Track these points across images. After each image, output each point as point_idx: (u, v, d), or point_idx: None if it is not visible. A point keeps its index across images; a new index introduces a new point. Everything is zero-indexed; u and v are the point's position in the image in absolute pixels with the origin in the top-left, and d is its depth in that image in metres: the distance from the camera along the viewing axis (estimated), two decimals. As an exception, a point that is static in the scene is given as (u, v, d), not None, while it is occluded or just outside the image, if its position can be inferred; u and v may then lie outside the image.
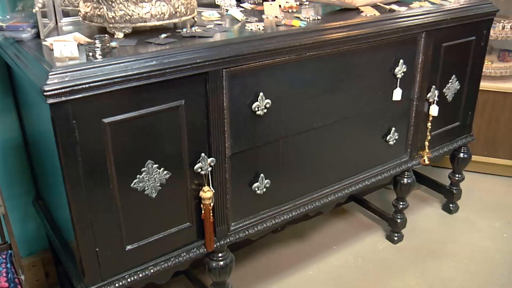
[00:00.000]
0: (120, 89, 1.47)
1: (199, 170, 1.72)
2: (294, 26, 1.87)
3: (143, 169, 1.61)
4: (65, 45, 1.50)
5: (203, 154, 1.71)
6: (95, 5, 1.69)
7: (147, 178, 1.63)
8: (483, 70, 2.68)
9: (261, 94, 1.77)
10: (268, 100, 1.79)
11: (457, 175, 2.87)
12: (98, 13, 1.68)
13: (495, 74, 3.10)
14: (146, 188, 1.64)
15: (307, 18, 1.99)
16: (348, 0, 2.13)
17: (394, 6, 2.23)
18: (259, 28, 1.82)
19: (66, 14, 1.94)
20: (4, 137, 2.10)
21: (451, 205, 2.93)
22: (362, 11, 2.13)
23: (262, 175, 1.92)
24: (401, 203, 2.61)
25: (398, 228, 2.65)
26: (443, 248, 2.64)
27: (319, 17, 2.01)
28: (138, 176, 1.61)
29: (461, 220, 2.89)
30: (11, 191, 2.17)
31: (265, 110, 1.80)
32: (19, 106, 2.02)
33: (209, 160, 1.73)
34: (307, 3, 2.33)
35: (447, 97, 2.50)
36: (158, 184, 1.67)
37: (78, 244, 1.58)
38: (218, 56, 1.61)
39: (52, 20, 1.87)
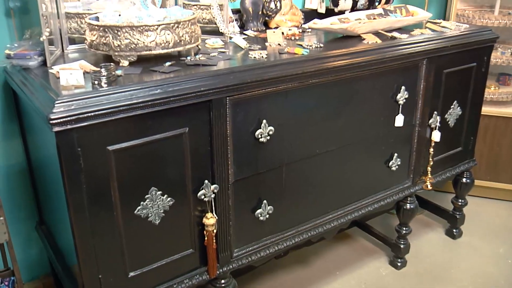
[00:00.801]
0: (125, 117, 1.49)
1: (203, 197, 1.73)
2: (297, 54, 1.90)
3: (146, 196, 1.62)
4: (71, 74, 1.52)
5: (206, 181, 1.72)
6: (101, 33, 1.71)
7: (150, 205, 1.64)
8: (485, 95, 2.69)
9: (264, 121, 1.78)
10: (271, 127, 1.81)
11: (460, 200, 2.87)
12: (104, 41, 1.71)
13: (497, 99, 3.12)
14: (150, 214, 1.65)
15: (310, 45, 2.02)
16: (350, 28, 2.16)
17: (395, 34, 2.26)
18: (262, 56, 1.85)
19: (72, 41, 1.97)
20: (8, 162, 2.11)
21: (454, 230, 2.92)
22: (364, 39, 2.15)
23: (265, 201, 1.92)
24: (404, 228, 2.60)
25: (401, 253, 2.64)
26: (447, 274, 2.62)
27: (322, 45, 2.03)
28: (141, 203, 1.62)
29: (464, 245, 2.88)
30: (15, 215, 2.17)
31: (268, 137, 1.81)
32: (24, 132, 2.04)
33: (213, 187, 1.74)
34: (309, 30, 2.36)
35: (449, 122, 2.52)
36: (162, 211, 1.67)
37: (81, 270, 1.58)
38: (222, 84, 1.63)
39: (59, 48, 1.90)
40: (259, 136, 1.79)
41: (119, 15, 1.82)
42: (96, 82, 1.52)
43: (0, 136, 2.06)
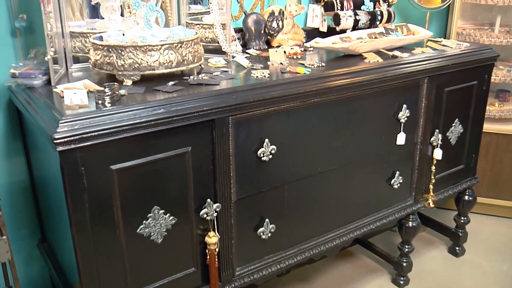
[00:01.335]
0: (128, 137, 1.50)
1: (205, 215, 1.73)
2: (298, 73, 1.91)
3: (149, 214, 1.63)
4: (75, 93, 1.54)
5: (209, 200, 1.73)
6: (105, 53, 1.73)
7: (153, 223, 1.64)
8: (488, 112, 2.71)
9: (266, 140, 1.79)
10: (273, 146, 1.82)
11: (462, 218, 2.86)
12: (108, 61, 1.73)
13: (500, 116, 3.13)
14: (152, 233, 1.65)
15: (312, 64, 2.03)
16: (351, 47, 2.17)
17: (396, 53, 2.27)
18: (264, 75, 1.86)
19: (76, 59, 1.99)
20: (12, 179, 2.12)
21: (457, 248, 2.91)
22: (365, 58, 2.17)
23: (267, 220, 1.92)
24: (406, 246, 2.59)
25: (404, 271, 2.63)
26: (450, 293, 2.61)
27: (323, 64, 2.05)
28: (144, 221, 1.62)
29: (467, 263, 2.86)
30: (17, 233, 2.17)
31: (270, 156, 1.82)
32: (27, 149, 2.05)
33: (215, 205, 1.74)
34: (311, 49, 2.38)
35: (450, 140, 2.52)
36: (164, 230, 1.67)
37: (83, 288, 1.58)
38: (224, 103, 1.65)
39: (63, 67, 1.92)
40: (261, 155, 1.80)
41: (123, 34, 1.85)
42: (100, 102, 1.53)
43: (4, 153, 2.07)
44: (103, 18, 2.03)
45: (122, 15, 2.04)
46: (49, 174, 1.71)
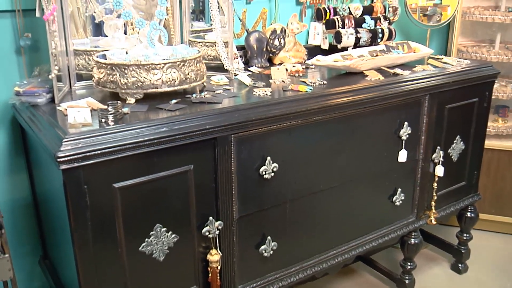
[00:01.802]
0: (131, 155, 1.51)
1: (207, 233, 1.73)
2: (300, 91, 1.92)
3: (151, 232, 1.63)
4: (79, 111, 1.55)
5: (211, 218, 1.73)
6: (108, 71, 1.75)
7: (155, 241, 1.64)
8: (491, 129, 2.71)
9: (268, 158, 1.80)
10: (275, 164, 1.82)
11: (465, 235, 2.85)
12: (111, 79, 1.74)
13: (502, 133, 3.13)
14: (154, 251, 1.65)
15: (313, 82, 2.05)
16: (353, 65, 2.19)
17: (397, 70, 2.29)
18: (266, 94, 1.88)
19: (79, 77, 2.00)
20: (14, 196, 2.13)
21: (460, 265, 2.90)
22: (366, 75, 2.18)
23: (269, 237, 1.92)
24: (409, 263, 2.58)
25: (406, 289, 2.62)
26: (453, 310, 2.59)
27: (325, 82, 2.06)
28: (146, 239, 1.62)
29: (471, 280, 2.85)
30: (19, 250, 2.17)
31: (272, 174, 1.82)
32: (30, 166, 2.06)
33: (217, 223, 1.74)
34: (313, 66, 2.39)
35: (452, 157, 2.53)
36: (166, 248, 1.67)
37: (84, 306, 1.58)
38: (227, 122, 1.66)
39: (67, 84, 1.94)
40: (264, 173, 1.80)
41: (126, 52, 1.86)
42: (103, 120, 1.54)
43: (7, 170, 2.08)
44: (107, 36, 2.06)
45: (125, 32, 2.06)
46: (52, 191, 1.72)
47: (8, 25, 1.94)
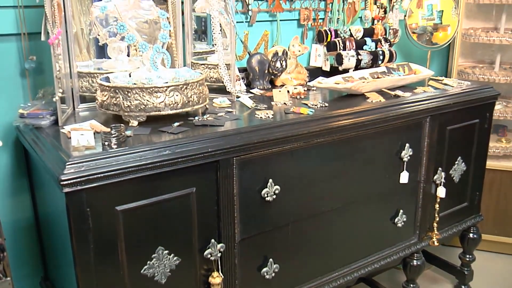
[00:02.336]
0: (134, 178, 1.51)
1: (209, 256, 1.73)
2: (302, 113, 1.94)
3: (153, 255, 1.63)
4: (82, 134, 1.56)
5: (213, 240, 1.73)
6: (112, 94, 1.76)
7: (157, 264, 1.64)
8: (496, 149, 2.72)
9: (270, 180, 1.81)
10: (277, 186, 1.83)
11: (467, 256, 2.84)
12: (115, 102, 1.76)
13: (505, 153, 3.14)
14: (156, 274, 1.65)
15: (315, 105, 2.06)
16: (354, 88, 2.21)
17: (398, 92, 2.31)
18: (268, 116, 1.89)
19: (83, 99, 2.02)
20: (16, 217, 2.13)
21: (463, 287, 2.87)
22: (368, 97, 2.20)
23: (271, 260, 1.92)
24: (411, 285, 2.57)
25: (409, 311, 2.60)
26: (457, 333, 2.57)
27: (326, 104, 2.08)
28: (148, 262, 1.62)
29: (474, 302, 2.83)
30: (20, 271, 2.17)
31: (274, 196, 1.83)
32: (33, 187, 2.07)
33: (219, 246, 1.74)
34: (314, 88, 2.41)
35: (454, 178, 2.53)
36: (168, 270, 1.67)
37: (85, 330, 1.57)
38: (229, 145, 1.67)
39: (70, 106, 1.95)
40: (266, 195, 1.81)
41: (129, 75, 1.88)
42: (106, 143, 1.55)
43: (10, 191, 2.09)
44: (110, 58, 2.08)
45: (128, 54, 2.09)
46: (54, 213, 1.72)
47: (14, 48, 1.97)
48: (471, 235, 2.78)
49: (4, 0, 1.90)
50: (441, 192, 2.42)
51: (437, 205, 2.45)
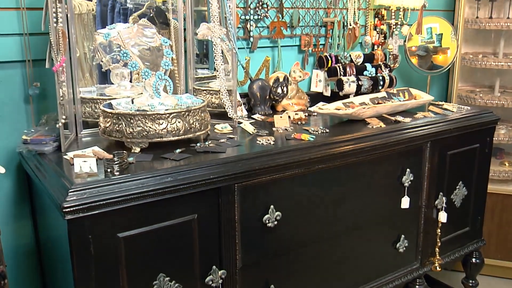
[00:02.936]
0: (136, 205, 1.52)
1: (210, 282, 1.73)
2: (303, 139, 1.95)
3: (154, 282, 1.62)
4: (85, 161, 1.57)
5: (214, 267, 1.73)
6: (114, 121, 1.78)
7: (158, 291, 1.64)
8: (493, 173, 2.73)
9: (271, 206, 1.81)
10: (278, 213, 1.83)
11: (471, 281, 2.82)
12: (117, 128, 1.77)
13: (506, 177, 3.14)
14: (157, 301, 1.64)
15: (316, 131, 2.07)
16: (355, 113, 2.22)
17: (399, 117, 2.32)
18: (269, 142, 1.90)
19: (85, 124, 2.04)
20: (17, 242, 2.13)
21: (466, 312, 2.85)
22: (368, 123, 2.21)
23: (272, 286, 1.91)
24: (414, 311, 2.55)
25: (412, 337, 2.57)
26: None
27: (327, 130, 2.09)
28: (149, 289, 1.62)
29: (477, 328, 2.80)
30: (20, 297, 2.16)
31: (276, 222, 1.83)
32: (35, 212, 2.07)
33: (220, 272, 1.74)
34: (315, 114, 2.43)
35: (455, 203, 2.53)
36: (169, 297, 1.67)
37: None
38: (231, 172, 1.68)
39: (73, 132, 1.97)
40: (267, 221, 1.81)
41: (132, 101, 1.90)
42: (108, 170, 1.56)
43: (11, 216, 2.09)
44: (113, 84, 2.10)
45: (130, 80, 2.11)
46: (56, 239, 1.72)
47: (18, 74, 2.00)
48: (473, 260, 2.77)
49: (10, 27, 1.94)
50: (443, 217, 2.42)
51: (438, 230, 2.44)
